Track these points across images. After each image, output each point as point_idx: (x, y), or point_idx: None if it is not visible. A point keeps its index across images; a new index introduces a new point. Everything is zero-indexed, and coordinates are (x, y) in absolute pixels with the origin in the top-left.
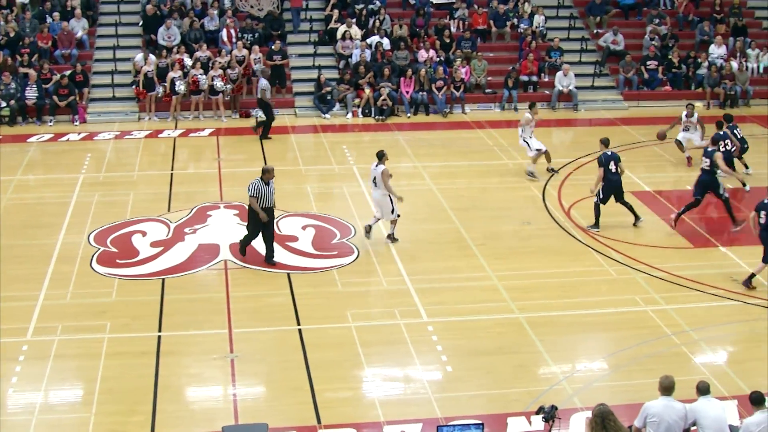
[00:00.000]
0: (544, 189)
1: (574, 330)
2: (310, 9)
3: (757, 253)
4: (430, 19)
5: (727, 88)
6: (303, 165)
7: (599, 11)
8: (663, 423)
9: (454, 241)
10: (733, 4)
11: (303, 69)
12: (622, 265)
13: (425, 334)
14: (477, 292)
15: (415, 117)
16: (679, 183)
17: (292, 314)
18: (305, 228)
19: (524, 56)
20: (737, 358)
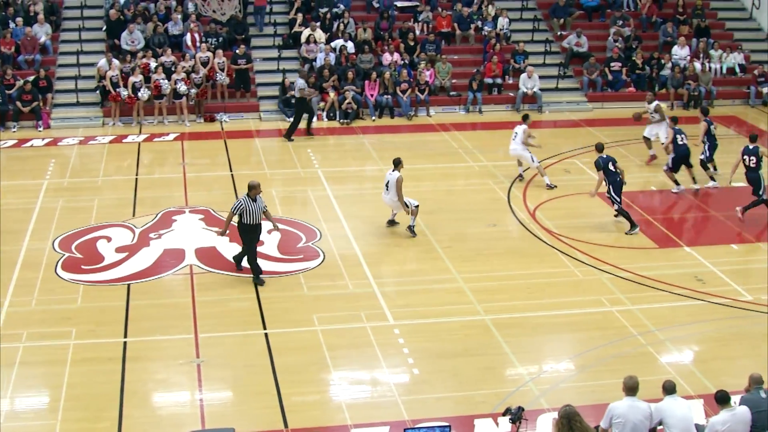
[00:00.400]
0: (509, 191)
1: (540, 331)
2: (274, 13)
3: (722, 253)
4: (394, 23)
5: (690, 88)
6: (268, 169)
7: (563, 13)
8: (628, 423)
9: (419, 244)
10: (696, 6)
11: (267, 73)
12: (588, 266)
13: (392, 337)
14: (443, 295)
15: (380, 120)
16: (646, 184)
17: (258, 318)
18: (271, 232)
19: (488, 59)
20: (702, 358)
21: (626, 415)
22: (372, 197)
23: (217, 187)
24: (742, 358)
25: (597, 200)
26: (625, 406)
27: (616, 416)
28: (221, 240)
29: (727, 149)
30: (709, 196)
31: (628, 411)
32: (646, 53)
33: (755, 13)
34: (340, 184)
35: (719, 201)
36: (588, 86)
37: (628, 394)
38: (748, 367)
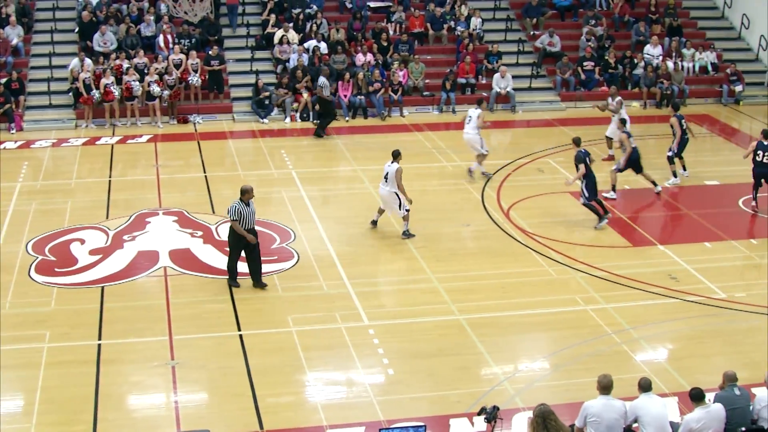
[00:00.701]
0: (483, 191)
1: (515, 330)
2: (247, 14)
3: (695, 251)
4: (367, 23)
5: (663, 87)
6: (242, 170)
7: (535, 13)
8: (603, 422)
9: (394, 244)
10: (668, 5)
11: (240, 74)
12: (562, 265)
13: (366, 338)
14: (417, 295)
15: (354, 120)
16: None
17: (232, 320)
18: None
19: (462, 59)
20: (677, 355)
21: (601, 414)
22: (346, 198)
23: (190, 189)
24: (717, 356)
25: (571, 199)
26: (599, 404)
27: (591, 415)
28: (195, 242)
29: (700, 148)
30: (682, 195)
31: (603, 410)
32: (619, 52)
33: (727, 12)
34: (314, 184)
35: (692, 199)
36: (561, 86)
37: (603, 393)
38: (723, 365)
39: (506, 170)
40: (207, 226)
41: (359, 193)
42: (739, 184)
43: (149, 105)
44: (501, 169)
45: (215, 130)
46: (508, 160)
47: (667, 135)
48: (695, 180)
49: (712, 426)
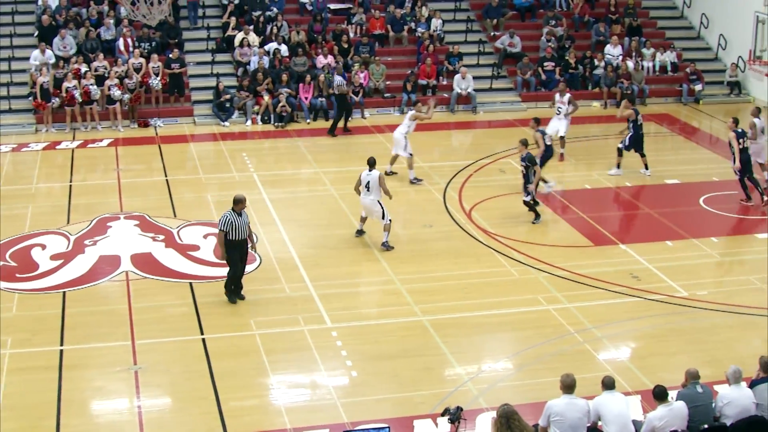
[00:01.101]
0: (445, 191)
1: (478, 331)
2: (207, 17)
3: (657, 250)
4: (327, 25)
5: (623, 87)
6: (203, 173)
7: (496, 14)
8: (566, 421)
9: (356, 246)
10: (627, 5)
11: (201, 77)
12: (524, 265)
13: (329, 340)
14: (380, 296)
15: (315, 123)
16: (580, 183)
17: (195, 324)
18: (206, 237)
19: (422, 60)
20: (639, 354)
21: (564, 413)
22: (308, 200)
23: (152, 193)
24: (679, 354)
25: None
26: (562, 404)
27: (554, 414)
28: (157, 246)
29: (660, 147)
30: (643, 194)
31: (566, 409)
32: (579, 53)
33: (686, 12)
34: (276, 187)
35: (654, 198)
36: (522, 86)
37: (566, 392)
38: (685, 363)
39: (468, 171)
40: (169, 230)
41: (321, 196)
42: (700, 182)
43: (110, 109)
44: (463, 170)
45: (176, 134)
46: (470, 161)
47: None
48: (656, 179)
49: (675, 424)
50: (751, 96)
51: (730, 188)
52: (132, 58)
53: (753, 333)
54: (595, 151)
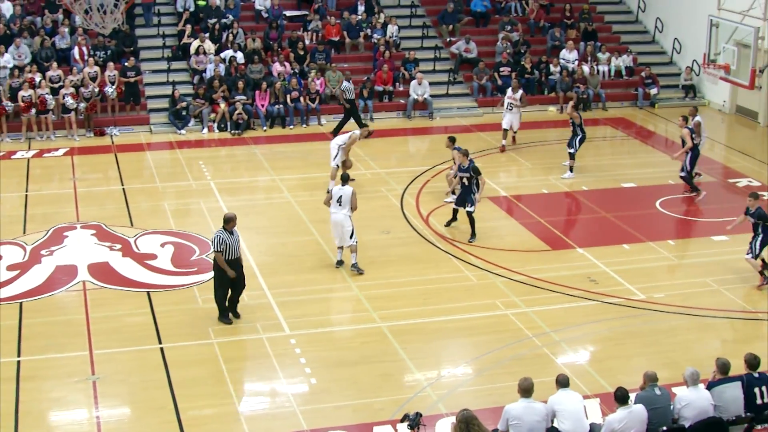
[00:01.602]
0: (402, 197)
1: (436, 336)
2: (162, 25)
3: (613, 253)
4: (283, 32)
5: (579, 92)
6: (159, 182)
7: (451, 20)
8: (525, 425)
9: (314, 253)
10: (582, 10)
11: (157, 85)
12: (482, 270)
13: (288, 348)
14: (338, 303)
15: (272, 130)
16: (537, 187)
17: (153, 333)
18: (164, 245)
19: (379, 66)
20: (597, 357)
21: (522, 417)
22: (265, 208)
23: (108, 202)
24: (637, 357)
25: (490, 204)
26: (520, 407)
27: (513, 418)
28: (114, 255)
29: (617, 151)
30: (599, 198)
31: (524, 412)
32: (535, 58)
33: (641, 16)
34: (233, 195)
35: (610, 202)
36: (478, 91)
37: (524, 396)
38: (643, 365)
39: (425, 177)
40: (125, 239)
41: (279, 203)
42: (656, 186)
43: (65, 118)
44: (420, 175)
45: (132, 142)
46: (427, 167)
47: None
48: (612, 182)
49: (634, 426)
50: (706, 99)
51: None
52: (87, 66)
53: (710, 335)
54: (552, 155)
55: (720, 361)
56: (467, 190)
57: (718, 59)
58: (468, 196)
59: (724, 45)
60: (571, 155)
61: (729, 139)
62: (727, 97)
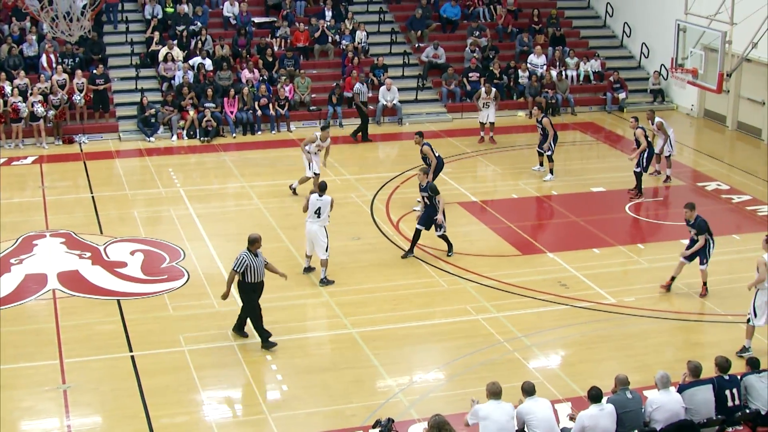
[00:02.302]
0: (372, 203)
1: (408, 342)
2: (130, 32)
3: (584, 258)
4: (252, 39)
5: (548, 97)
6: (129, 189)
7: (420, 26)
8: (494, 424)
9: (284, 260)
10: (551, 15)
11: (125, 92)
12: (452, 275)
13: (259, 354)
14: (309, 310)
15: (241, 137)
16: (507, 192)
17: (123, 341)
18: (134, 253)
19: (348, 72)
20: (569, 361)
21: (490, 416)
22: (235, 215)
23: (78, 210)
24: (608, 360)
25: (460, 210)
26: (490, 407)
27: (482, 417)
28: (84, 263)
29: (586, 155)
30: (569, 202)
31: (494, 410)
32: (503, 63)
33: (609, 21)
34: (203, 202)
35: (580, 206)
36: (447, 97)
37: (492, 399)
38: (614, 369)
39: (395, 182)
40: (95, 247)
41: (248, 210)
42: (625, 190)
43: (34, 126)
44: (389, 181)
45: (101, 150)
46: (397, 173)
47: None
48: (582, 187)
49: (604, 423)
50: (674, 103)
51: (654, 195)
52: (55, 74)
53: (681, 338)
54: (521, 160)
55: (691, 364)
56: (431, 209)
57: (685, 63)
58: (433, 219)
59: (691, 49)
60: (549, 157)
61: (697, 142)
62: (695, 101)
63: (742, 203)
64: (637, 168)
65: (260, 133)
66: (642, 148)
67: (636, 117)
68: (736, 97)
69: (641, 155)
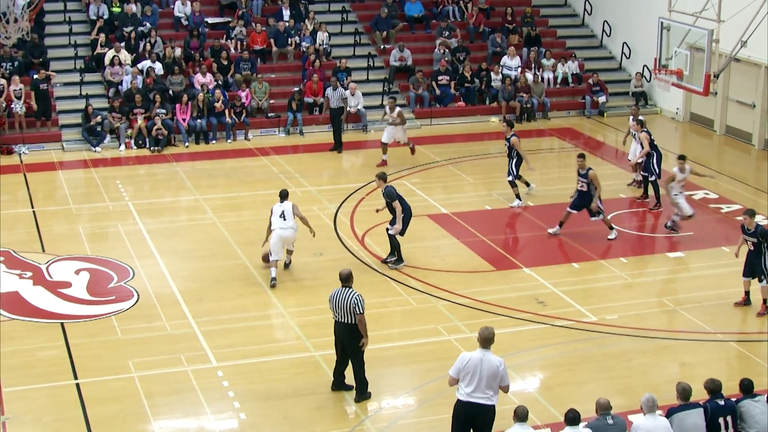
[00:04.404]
0: (335, 216)
1: (375, 365)
2: (74, 33)
3: (562, 273)
4: (205, 41)
5: (523, 101)
6: (73, 203)
7: (385, 26)
8: (476, 374)
9: (241, 278)
10: (525, 14)
11: (69, 99)
12: (422, 293)
13: (215, 380)
14: (268, 332)
15: (194, 146)
16: (480, 204)
17: (68, 367)
18: (79, 272)
19: (308, 77)
20: (548, 384)
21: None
22: (188, 230)
23: (18, 226)
24: (589, 383)
25: (429, 222)
26: (476, 357)
27: (465, 368)
28: (24, 284)
29: (563, 163)
30: (546, 214)
31: (478, 362)
32: (475, 65)
33: (588, 20)
34: (153, 217)
35: (557, 218)
36: (415, 102)
37: (483, 347)
38: (596, 392)
39: (360, 194)
40: (37, 266)
41: (202, 225)
42: (607, 200)
43: None
44: (354, 193)
45: (43, 161)
46: (361, 184)
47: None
48: (560, 197)
49: None
50: (657, 107)
51: (638, 205)
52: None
53: (668, 358)
54: (495, 169)
55: (680, 386)
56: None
57: (669, 64)
58: (392, 219)
59: (676, 49)
60: (511, 183)
61: (683, 148)
62: (681, 105)
63: (732, 213)
64: (652, 177)
65: (215, 142)
66: (645, 152)
67: (641, 120)
68: (724, 99)
69: (649, 160)
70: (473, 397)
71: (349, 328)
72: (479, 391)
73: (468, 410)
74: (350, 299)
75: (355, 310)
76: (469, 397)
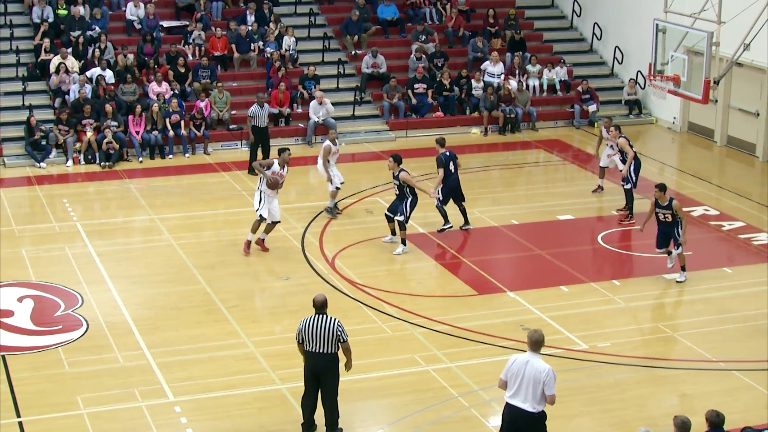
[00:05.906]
0: (303, 238)
1: (347, 398)
2: (15, 38)
3: (550, 297)
4: (160, 46)
5: (506, 111)
6: (15, 225)
7: (357, 30)
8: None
9: (201, 305)
10: (508, 16)
11: (10, 110)
12: (398, 319)
13: (172, 417)
14: (231, 363)
15: (149, 161)
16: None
17: (9, 404)
18: (22, 300)
19: (274, 85)
20: None
21: (519, 371)
22: (142, 253)
23: None
24: (580, 416)
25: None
26: (522, 360)
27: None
28: None
29: (551, 178)
30: (532, 233)
31: (523, 366)
32: (454, 72)
33: (576, 22)
34: (104, 238)
35: (545, 237)
36: (389, 112)
37: (532, 350)
38: (587, 426)
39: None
40: None
41: (158, 247)
42: (598, 217)
43: None
44: (322, 212)
45: None
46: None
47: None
48: (546, 215)
49: None
50: (653, 116)
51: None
52: None
53: (665, 389)
54: (476, 185)
55: (678, 419)
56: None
57: (665, 70)
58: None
59: (672, 53)
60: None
61: (681, 161)
62: (678, 114)
63: (735, 231)
64: (627, 185)
65: (171, 156)
66: (630, 159)
67: (617, 125)
68: (725, 107)
69: (629, 168)
70: (514, 400)
71: (328, 358)
72: (520, 395)
73: (511, 413)
74: (332, 328)
75: (340, 338)
76: (511, 400)
